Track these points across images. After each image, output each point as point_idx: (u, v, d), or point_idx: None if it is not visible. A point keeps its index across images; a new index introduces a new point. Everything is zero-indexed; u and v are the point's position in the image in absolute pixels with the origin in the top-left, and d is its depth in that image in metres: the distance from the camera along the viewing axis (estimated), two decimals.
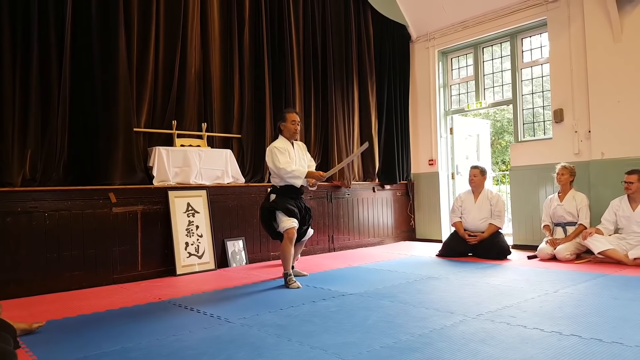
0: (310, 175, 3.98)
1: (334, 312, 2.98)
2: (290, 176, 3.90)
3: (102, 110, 4.36)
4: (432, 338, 2.40)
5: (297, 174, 3.90)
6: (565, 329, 2.46)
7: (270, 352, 2.26)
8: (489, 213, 5.21)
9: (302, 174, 3.92)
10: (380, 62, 6.98)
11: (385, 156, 6.91)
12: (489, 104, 6.73)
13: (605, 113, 5.22)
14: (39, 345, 2.49)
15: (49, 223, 3.95)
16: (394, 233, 6.99)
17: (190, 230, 4.74)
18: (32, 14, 4.00)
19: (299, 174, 3.91)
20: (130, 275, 4.34)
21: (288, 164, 3.91)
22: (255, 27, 5.64)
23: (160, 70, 4.88)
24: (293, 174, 3.89)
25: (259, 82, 5.63)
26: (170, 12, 4.95)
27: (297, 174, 3.90)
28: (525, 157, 5.99)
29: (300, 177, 3.92)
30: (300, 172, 3.92)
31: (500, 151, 15.66)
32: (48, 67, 4.13)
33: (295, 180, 3.92)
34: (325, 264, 5.00)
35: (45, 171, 4.09)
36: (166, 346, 2.41)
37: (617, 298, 3.12)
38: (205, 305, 3.28)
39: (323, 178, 4.02)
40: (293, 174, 3.89)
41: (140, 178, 4.57)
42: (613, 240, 4.59)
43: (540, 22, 5.95)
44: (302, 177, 3.93)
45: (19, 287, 3.74)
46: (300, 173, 3.92)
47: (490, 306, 2.99)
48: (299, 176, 3.91)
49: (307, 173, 3.97)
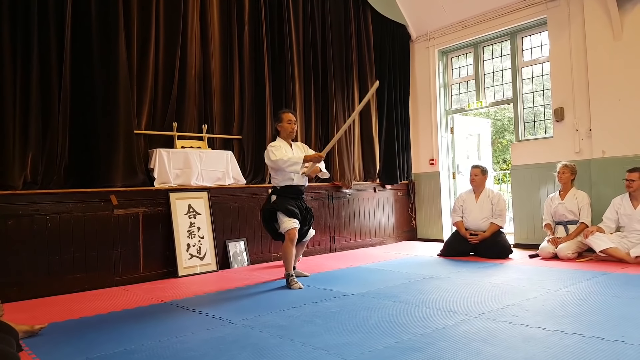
0: (309, 158, 3.88)
1: (336, 312, 2.99)
2: (288, 164, 3.82)
3: (103, 113, 4.37)
4: (434, 338, 2.40)
5: (295, 160, 3.82)
6: (567, 328, 2.46)
7: (273, 353, 2.26)
8: (490, 212, 5.20)
9: (299, 158, 3.83)
10: (380, 62, 6.98)
11: (386, 156, 6.90)
12: (490, 103, 6.73)
13: (606, 111, 5.21)
14: (41, 347, 2.50)
15: (51, 226, 3.95)
16: (395, 233, 6.99)
17: (191, 232, 4.75)
18: (32, 17, 4.00)
19: (296, 159, 3.82)
20: (132, 277, 4.35)
21: (283, 155, 3.86)
22: (255, 28, 5.65)
23: (160, 72, 4.89)
24: (290, 161, 3.81)
25: (259, 83, 5.64)
26: (170, 14, 4.95)
27: (294, 160, 3.82)
28: (526, 156, 5.99)
29: (298, 162, 3.81)
30: (297, 158, 3.84)
31: (501, 150, 15.66)
32: (48, 70, 4.13)
33: (294, 166, 3.82)
34: (327, 265, 5.00)
35: (46, 174, 4.09)
36: (169, 348, 2.41)
37: (619, 296, 3.11)
38: (208, 306, 3.29)
39: (322, 157, 3.93)
40: (290, 161, 3.81)
41: (142, 180, 4.58)
42: (614, 238, 4.58)
43: (540, 21, 5.95)
44: (300, 162, 3.81)
45: (21, 290, 3.75)
46: (297, 158, 3.83)
47: (492, 305, 2.99)
48: (296, 162, 3.81)
49: (305, 157, 3.87)
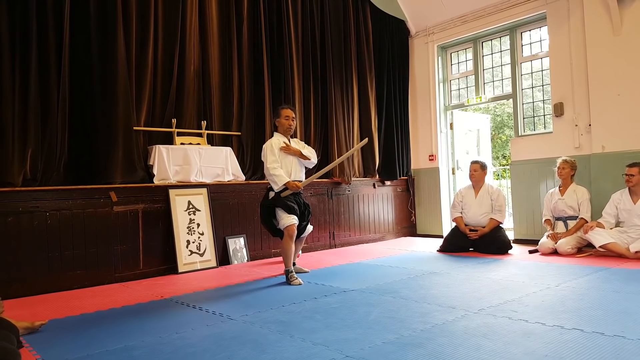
0: (289, 186, 3.97)
1: (336, 308, 2.99)
2: (271, 179, 3.99)
3: (102, 109, 4.36)
4: (434, 333, 2.40)
5: (277, 180, 3.95)
6: (567, 323, 2.47)
7: (273, 349, 2.27)
8: (489, 208, 5.20)
9: (281, 182, 3.95)
10: (380, 57, 6.96)
11: (385, 152, 6.90)
12: (489, 99, 6.72)
13: (605, 106, 5.21)
14: (42, 343, 2.50)
15: (51, 222, 3.95)
16: (394, 229, 6.99)
17: (191, 228, 4.75)
18: (30, 13, 3.99)
19: (279, 180, 3.95)
20: (132, 274, 4.35)
21: (273, 168, 3.96)
22: (254, 24, 5.63)
23: (159, 68, 4.87)
24: (273, 179, 3.97)
25: (258, 78, 5.62)
26: (168, 9, 4.93)
27: (276, 180, 3.95)
28: (526, 151, 5.98)
29: (278, 184, 3.95)
30: (280, 180, 3.95)
31: (501, 146, 15.65)
32: (47, 66, 4.12)
33: (273, 184, 3.98)
34: (327, 261, 5.01)
35: (45, 171, 4.09)
36: (169, 344, 2.42)
37: (618, 291, 3.12)
38: (208, 302, 3.29)
39: (299, 189, 4.05)
40: (273, 178, 3.96)
41: (141, 177, 4.58)
42: (614, 233, 4.58)
43: (539, 16, 5.94)
44: (280, 186, 3.96)
45: (21, 287, 3.75)
46: (280, 181, 3.95)
47: (491, 301, 3.00)
48: (277, 182, 3.95)
49: (287, 184, 3.96)
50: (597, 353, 2.04)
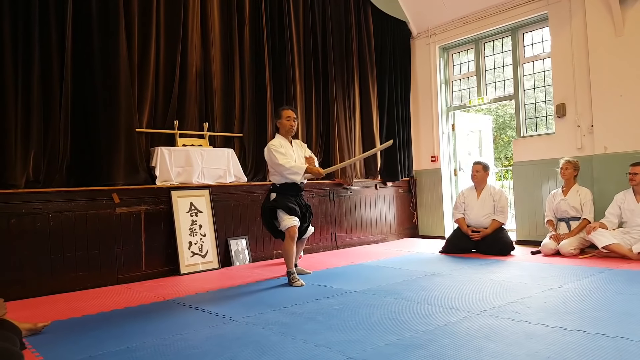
0: (309, 171, 3.96)
1: (338, 309, 2.99)
2: (289, 172, 3.90)
3: (104, 111, 4.37)
4: (436, 335, 2.40)
5: (296, 170, 3.90)
6: (569, 324, 2.46)
7: (275, 351, 2.27)
8: (492, 209, 5.20)
9: (300, 169, 3.92)
10: (381, 58, 6.97)
11: (387, 153, 6.89)
12: (491, 100, 6.72)
13: (607, 107, 5.20)
14: (44, 345, 2.50)
15: (53, 224, 3.96)
16: (396, 230, 6.98)
17: (193, 230, 4.75)
18: (33, 16, 4.00)
19: (298, 169, 3.91)
20: (134, 275, 4.36)
21: (286, 161, 3.90)
22: (256, 25, 5.64)
23: (161, 70, 4.89)
24: (292, 170, 3.89)
25: (260, 80, 5.63)
26: (170, 11, 4.95)
27: (295, 170, 3.90)
28: (528, 152, 5.98)
29: (299, 172, 3.91)
30: (298, 168, 3.92)
31: (503, 147, 15.64)
32: (49, 68, 4.13)
33: (295, 176, 3.91)
34: (329, 262, 5.01)
35: (48, 172, 4.10)
36: (171, 345, 2.42)
37: (621, 293, 3.11)
38: (210, 304, 3.29)
39: (322, 175, 4.01)
40: (292, 170, 3.89)
41: (143, 178, 4.58)
42: (617, 234, 4.57)
43: (541, 17, 5.93)
44: (301, 173, 3.92)
45: (23, 288, 3.76)
46: (299, 169, 3.91)
47: (494, 302, 2.99)
48: (297, 172, 3.90)
49: (306, 169, 3.95)
50: (600, 355, 2.04)
